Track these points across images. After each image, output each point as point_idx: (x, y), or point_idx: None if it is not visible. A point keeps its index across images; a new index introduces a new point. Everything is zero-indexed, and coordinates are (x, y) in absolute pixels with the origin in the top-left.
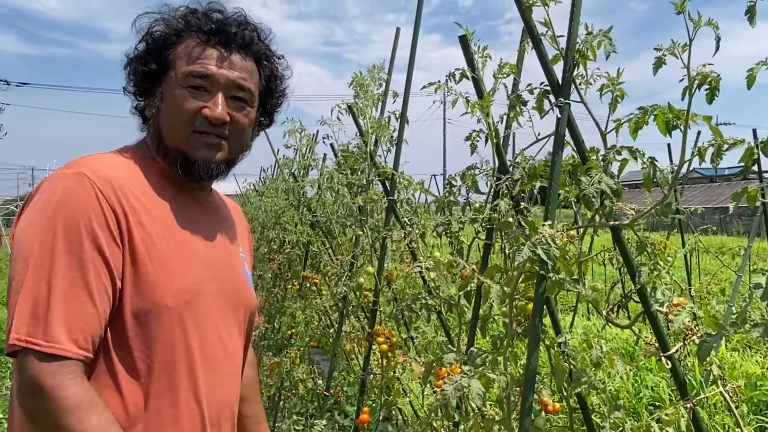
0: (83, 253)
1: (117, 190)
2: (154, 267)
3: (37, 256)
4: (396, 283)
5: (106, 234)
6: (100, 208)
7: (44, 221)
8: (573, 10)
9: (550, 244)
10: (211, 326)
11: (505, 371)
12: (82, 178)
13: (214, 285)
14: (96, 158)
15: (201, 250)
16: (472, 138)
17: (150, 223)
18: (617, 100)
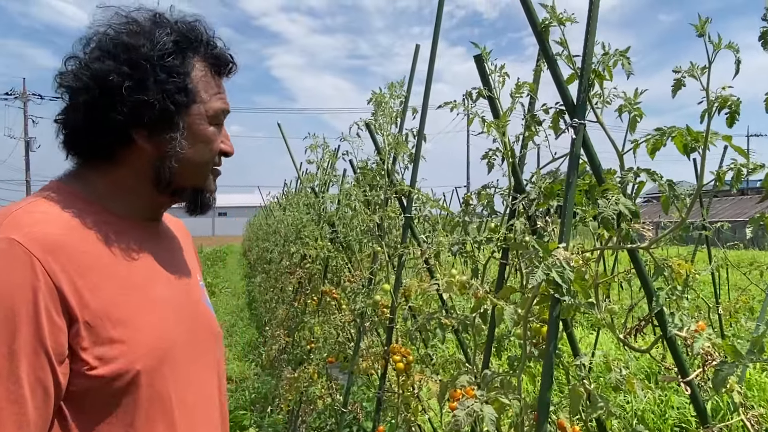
0: (16, 341)
1: (58, 253)
2: (117, 331)
3: None
4: (413, 300)
5: (46, 315)
6: (37, 283)
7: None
8: (588, 29)
9: (564, 267)
10: (186, 378)
11: (518, 395)
12: (12, 246)
13: (183, 331)
14: (24, 213)
15: (163, 294)
16: (489, 157)
17: (105, 282)
18: (636, 120)
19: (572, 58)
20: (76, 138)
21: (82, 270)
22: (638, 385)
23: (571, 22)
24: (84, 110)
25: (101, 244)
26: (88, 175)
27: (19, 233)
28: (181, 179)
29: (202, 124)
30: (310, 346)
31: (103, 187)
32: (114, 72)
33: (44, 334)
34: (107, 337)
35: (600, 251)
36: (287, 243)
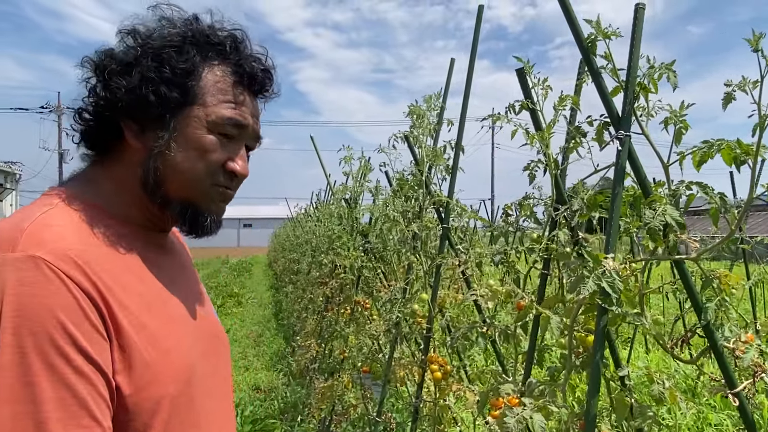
0: (69, 364)
1: (86, 270)
2: (149, 352)
3: (4, 385)
4: (450, 310)
5: (91, 331)
6: (74, 301)
7: (3, 336)
8: (633, 43)
9: (614, 276)
10: (208, 394)
11: (564, 404)
12: (38, 265)
13: (201, 348)
14: (42, 227)
15: (179, 311)
16: (531, 168)
17: (129, 300)
18: (681, 132)
19: (617, 71)
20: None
21: (108, 286)
22: (681, 398)
23: (616, 36)
24: (88, 95)
25: (118, 259)
26: (93, 175)
27: (42, 250)
28: (169, 188)
29: (198, 129)
30: (343, 355)
31: (109, 188)
32: (108, 55)
33: (92, 353)
34: (140, 360)
35: (646, 262)
36: (319, 253)
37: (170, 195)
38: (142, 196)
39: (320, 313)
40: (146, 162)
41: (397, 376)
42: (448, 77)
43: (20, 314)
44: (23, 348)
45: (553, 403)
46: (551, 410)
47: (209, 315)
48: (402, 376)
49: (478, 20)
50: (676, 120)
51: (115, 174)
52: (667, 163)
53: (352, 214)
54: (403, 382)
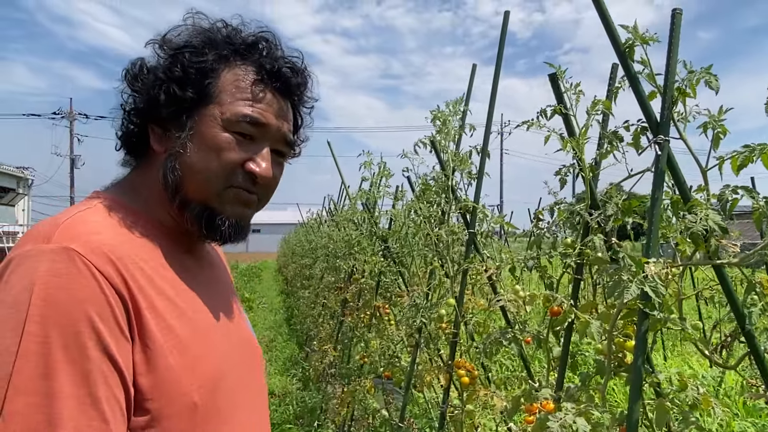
0: (88, 361)
1: (119, 266)
2: (174, 358)
3: (23, 374)
4: (476, 315)
5: (115, 330)
6: (102, 297)
7: (29, 324)
8: (671, 48)
9: (657, 281)
10: (235, 408)
11: (605, 409)
12: (71, 257)
13: (232, 357)
14: (79, 222)
15: (211, 321)
16: (563, 174)
17: (160, 302)
18: (719, 137)
19: (654, 76)
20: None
21: (139, 285)
22: (716, 403)
23: (653, 41)
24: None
25: (152, 261)
26: (134, 181)
27: (76, 242)
28: (188, 190)
29: (213, 128)
30: (363, 360)
31: (146, 193)
32: (136, 62)
33: (113, 351)
34: (163, 364)
35: (684, 267)
36: (335, 259)
37: (189, 197)
38: (164, 197)
39: (337, 318)
40: (165, 163)
41: (423, 381)
42: (470, 82)
43: (48, 305)
44: (47, 339)
45: (595, 407)
46: (593, 415)
47: (242, 326)
48: (429, 380)
49: (504, 25)
50: (715, 124)
51: (148, 179)
52: (705, 168)
53: (371, 218)
54: (429, 387)
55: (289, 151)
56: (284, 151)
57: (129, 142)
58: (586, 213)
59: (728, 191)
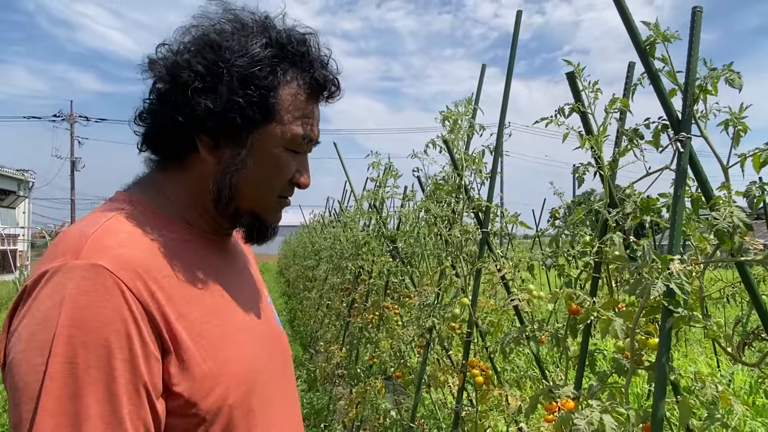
0: (115, 381)
1: (146, 279)
2: (207, 364)
3: (52, 394)
4: (490, 315)
5: (142, 348)
6: (130, 315)
7: (56, 343)
8: (691, 46)
9: (682, 278)
10: (269, 406)
11: (630, 406)
12: (100, 274)
13: (264, 355)
14: (107, 234)
15: (244, 320)
16: (580, 172)
17: (190, 309)
18: (739, 135)
19: (675, 73)
20: (152, 132)
21: (168, 296)
22: (735, 401)
23: (675, 39)
24: (158, 101)
25: (182, 266)
26: (160, 182)
27: (104, 258)
28: (241, 201)
29: (275, 148)
30: (372, 361)
31: (174, 195)
32: (187, 68)
33: (142, 370)
34: (199, 372)
35: (705, 264)
36: (342, 259)
37: (241, 208)
38: (208, 206)
39: (343, 319)
40: (221, 177)
41: (438, 381)
42: (480, 82)
43: (75, 324)
44: (74, 359)
45: (620, 405)
46: (618, 412)
47: (271, 321)
48: (444, 380)
49: (517, 25)
50: (736, 122)
51: (182, 182)
52: (727, 165)
53: (379, 219)
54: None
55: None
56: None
57: (161, 144)
58: (605, 211)
59: (755, 187)
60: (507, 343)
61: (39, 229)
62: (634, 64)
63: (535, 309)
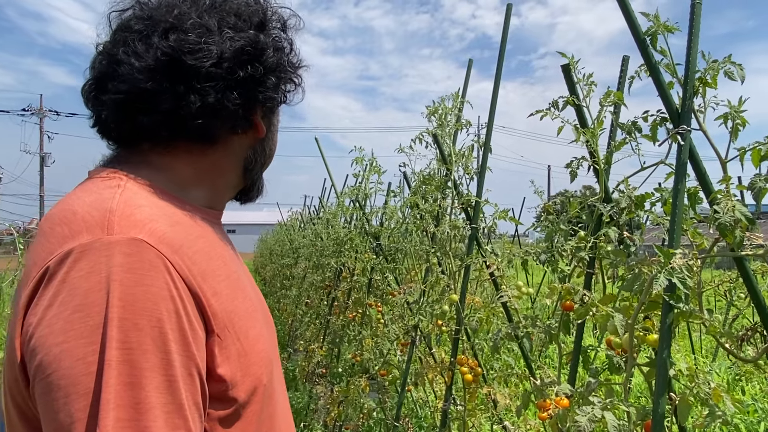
0: (171, 366)
1: (183, 255)
2: (241, 342)
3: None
4: (479, 312)
5: (190, 327)
6: (176, 292)
7: (109, 329)
8: (691, 38)
9: (684, 273)
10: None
11: (630, 403)
12: (143, 248)
13: (268, 332)
14: (132, 206)
15: (254, 298)
16: (575, 166)
17: (219, 285)
18: (738, 129)
19: (674, 66)
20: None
21: (201, 273)
22: (727, 398)
23: (675, 30)
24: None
25: (202, 241)
26: (166, 162)
27: (142, 231)
28: (261, 169)
29: (279, 115)
30: (356, 359)
31: (187, 174)
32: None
33: (193, 350)
34: (235, 351)
35: (703, 259)
36: (323, 257)
37: (254, 178)
38: (229, 179)
39: (324, 317)
40: (260, 145)
41: (426, 379)
42: (467, 77)
43: (125, 305)
44: (129, 344)
45: (620, 402)
46: (619, 409)
47: (264, 303)
48: (432, 378)
49: (507, 19)
50: (735, 115)
51: (201, 160)
52: (725, 160)
53: (363, 215)
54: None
55: None
56: None
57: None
58: (601, 205)
59: (760, 181)
60: (499, 339)
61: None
62: (628, 57)
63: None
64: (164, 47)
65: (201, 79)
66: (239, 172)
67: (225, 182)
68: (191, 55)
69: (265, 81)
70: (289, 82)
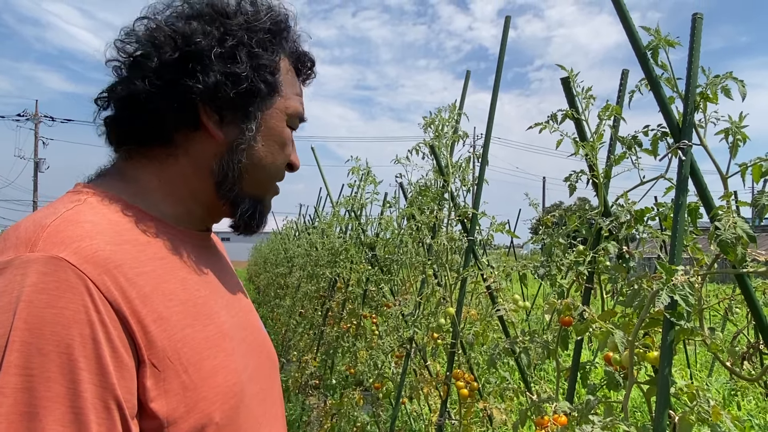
0: (80, 397)
1: (116, 275)
2: (189, 374)
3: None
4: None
5: (111, 355)
6: (97, 315)
7: (9, 353)
8: (692, 53)
9: (687, 290)
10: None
11: (629, 422)
12: (60, 268)
13: (249, 364)
14: (68, 223)
15: (228, 323)
16: (573, 180)
17: (169, 310)
18: (737, 144)
19: (675, 80)
20: (130, 117)
21: (144, 295)
22: (726, 416)
23: (675, 45)
24: (152, 78)
25: (158, 262)
26: (133, 172)
27: (66, 250)
28: (246, 183)
29: (280, 122)
30: (350, 371)
31: (153, 185)
32: (202, 33)
33: (112, 381)
34: (179, 384)
35: (704, 275)
36: (317, 267)
37: (244, 191)
38: (199, 193)
39: (318, 327)
40: (228, 156)
41: (422, 392)
42: (464, 88)
43: (31, 328)
44: (30, 370)
45: (620, 420)
46: (620, 428)
47: (256, 326)
48: (427, 392)
49: (505, 31)
50: (736, 131)
51: (166, 169)
52: (726, 175)
53: (358, 225)
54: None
55: None
56: None
57: (144, 127)
58: (600, 219)
59: (764, 198)
60: (497, 354)
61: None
62: (627, 71)
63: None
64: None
65: (128, 69)
66: (208, 186)
67: (191, 195)
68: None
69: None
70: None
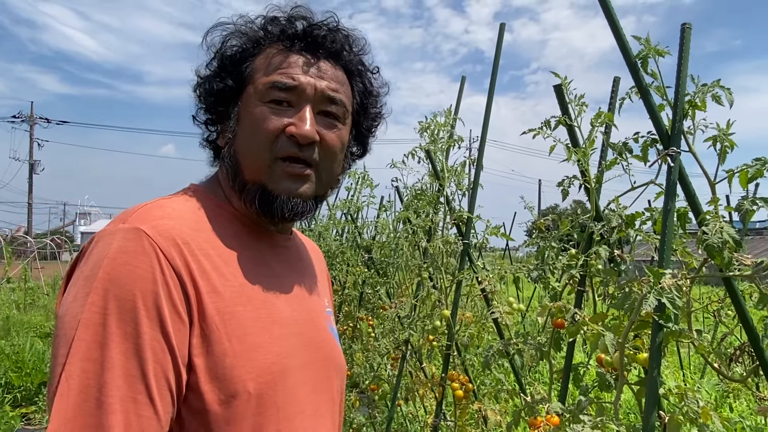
0: (140, 337)
1: (183, 249)
2: (231, 343)
3: (83, 341)
4: (470, 328)
5: (170, 310)
6: (162, 276)
7: (92, 294)
8: (681, 62)
9: (674, 293)
10: (297, 409)
11: (620, 422)
12: (139, 237)
13: (300, 356)
14: (156, 207)
15: (284, 314)
16: (564, 184)
17: (225, 287)
18: (726, 151)
19: (665, 88)
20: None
21: (202, 271)
22: (716, 416)
23: (665, 54)
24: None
25: (228, 249)
26: (217, 174)
27: (146, 224)
28: (243, 173)
29: (250, 107)
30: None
31: (224, 184)
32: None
33: (169, 330)
34: (220, 349)
35: (692, 279)
36: None
37: (245, 179)
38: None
39: None
40: (226, 153)
41: (417, 394)
42: (460, 93)
43: (111, 278)
44: (106, 310)
45: (611, 420)
46: (610, 428)
47: (321, 328)
48: (423, 394)
49: (500, 37)
50: (725, 138)
51: (222, 174)
52: (713, 181)
53: (355, 228)
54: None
55: (342, 113)
56: (335, 113)
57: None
58: (592, 224)
59: (747, 202)
60: (491, 355)
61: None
62: (619, 79)
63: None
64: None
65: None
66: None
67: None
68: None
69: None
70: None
